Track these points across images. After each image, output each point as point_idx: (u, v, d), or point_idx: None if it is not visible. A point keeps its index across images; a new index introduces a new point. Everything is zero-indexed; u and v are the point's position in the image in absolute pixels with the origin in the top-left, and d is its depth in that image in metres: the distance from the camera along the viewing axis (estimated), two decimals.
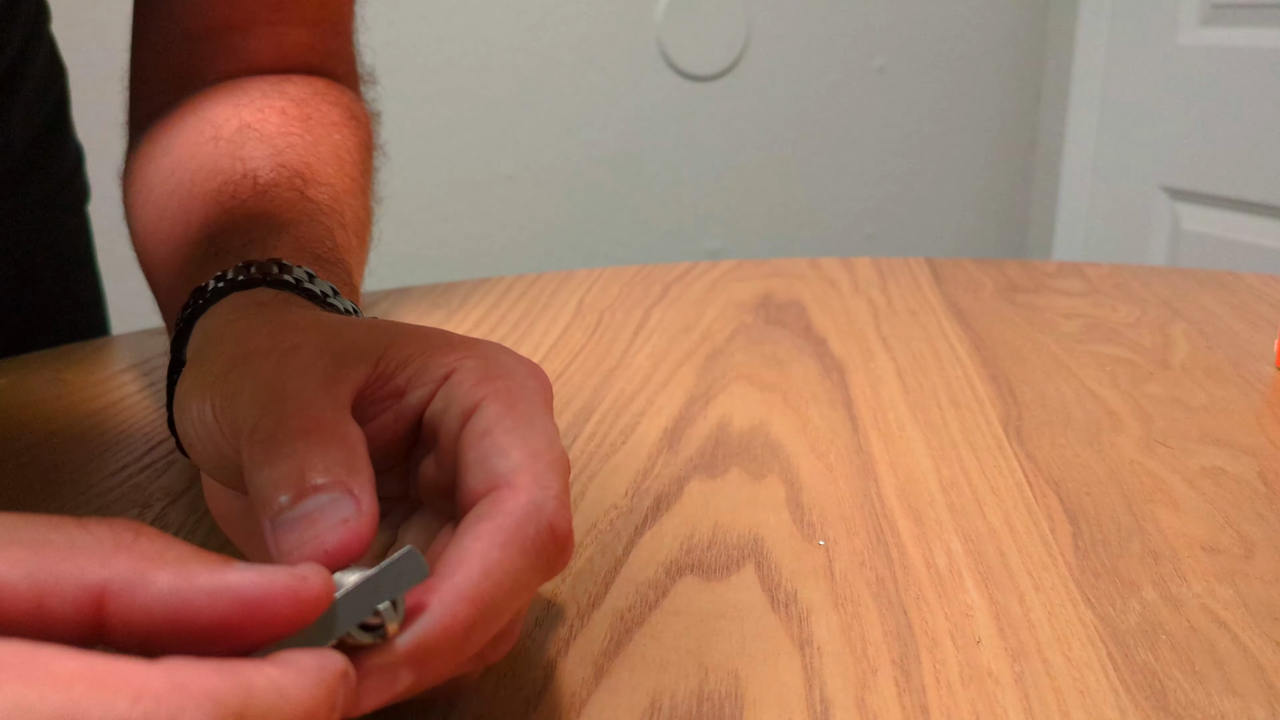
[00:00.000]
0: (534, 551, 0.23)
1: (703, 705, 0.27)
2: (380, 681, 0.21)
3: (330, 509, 0.22)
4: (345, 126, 0.47)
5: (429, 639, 0.22)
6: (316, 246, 0.37)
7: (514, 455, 0.25)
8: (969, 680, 0.28)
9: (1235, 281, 0.67)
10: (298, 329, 0.28)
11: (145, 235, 0.44)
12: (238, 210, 0.39)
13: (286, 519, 0.22)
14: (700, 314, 0.61)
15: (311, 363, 0.26)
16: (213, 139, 0.43)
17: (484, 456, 0.25)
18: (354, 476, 0.23)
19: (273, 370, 0.26)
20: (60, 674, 0.17)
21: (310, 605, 0.20)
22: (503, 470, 0.24)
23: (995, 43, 1.80)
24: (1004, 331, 0.58)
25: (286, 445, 0.23)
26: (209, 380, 0.27)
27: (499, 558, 0.23)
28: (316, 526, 0.22)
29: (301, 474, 0.23)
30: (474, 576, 0.22)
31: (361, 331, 0.28)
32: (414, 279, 1.62)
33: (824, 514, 0.38)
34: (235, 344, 0.28)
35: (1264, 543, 0.35)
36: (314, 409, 0.25)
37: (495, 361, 0.27)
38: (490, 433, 0.25)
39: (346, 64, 0.53)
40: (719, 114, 1.71)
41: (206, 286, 0.34)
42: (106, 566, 0.19)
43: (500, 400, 0.26)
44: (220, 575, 0.19)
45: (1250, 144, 1.51)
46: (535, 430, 0.26)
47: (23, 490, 0.41)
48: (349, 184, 0.44)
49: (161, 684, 0.17)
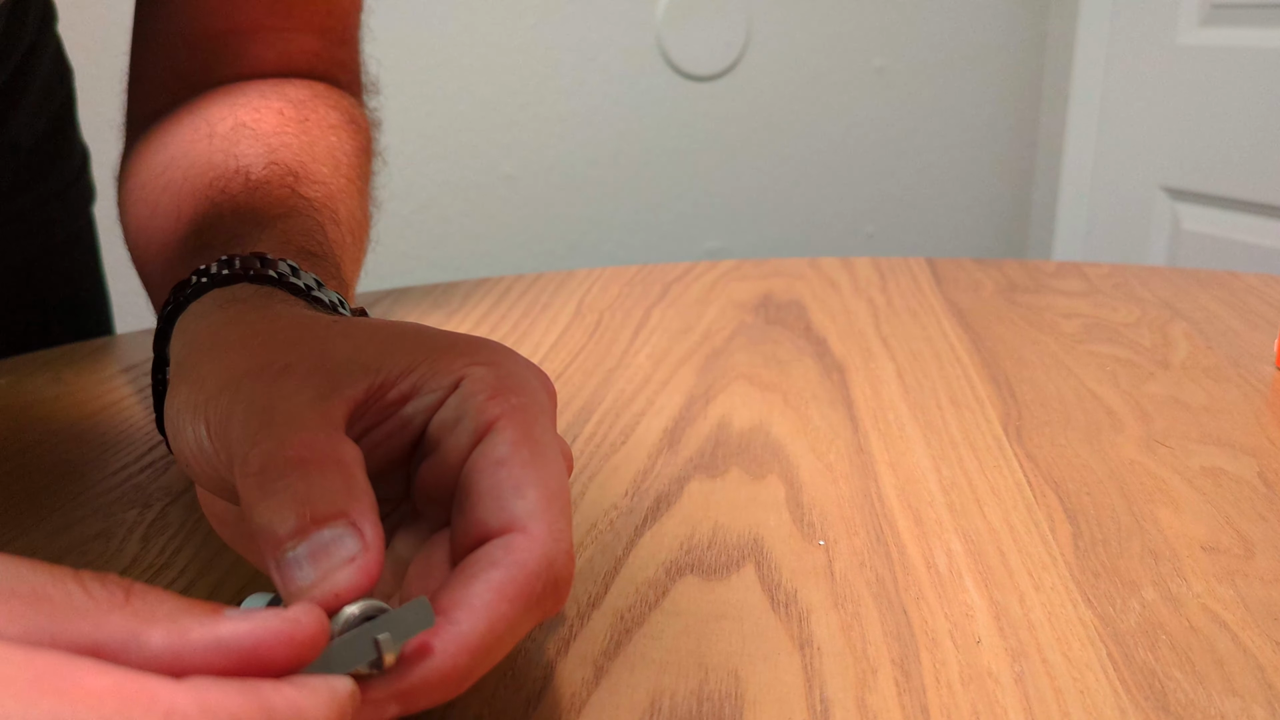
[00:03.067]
0: (538, 602, 0.23)
1: (703, 705, 0.27)
2: (370, 711, 0.21)
3: (334, 547, 0.22)
4: (343, 129, 0.47)
5: (427, 678, 0.22)
6: (304, 240, 0.37)
7: (530, 496, 0.24)
8: (969, 680, 0.28)
9: (1235, 281, 0.67)
10: (289, 345, 0.27)
11: (137, 231, 0.44)
12: (226, 206, 0.38)
13: (290, 558, 0.22)
14: (700, 314, 0.61)
15: (304, 383, 0.25)
16: (207, 136, 0.43)
17: (498, 491, 0.24)
18: (354, 505, 0.23)
19: (263, 394, 0.25)
20: (93, 689, 0.17)
21: (306, 649, 0.20)
22: (519, 513, 0.24)
23: (995, 43, 1.80)
24: (1004, 331, 0.58)
25: (281, 478, 0.23)
26: (201, 401, 0.26)
27: (506, 611, 0.23)
28: (323, 565, 0.22)
29: (300, 508, 0.22)
30: (480, 629, 0.22)
31: (357, 342, 0.27)
32: (414, 279, 1.62)
33: (824, 514, 0.38)
34: (223, 358, 0.27)
35: (1264, 543, 0.35)
36: (305, 434, 0.24)
37: (506, 371, 0.27)
38: (506, 463, 0.25)
39: (351, 73, 0.52)
40: (719, 114, 1.71)
41: (189, 282, 0.33)
42: (101, 628, 0.19)
43: (516, 424, 0.25)
44: (213, 629, 0.19)
45: (1250, 144, 1.51)
46: (550, 466, 0.25)
47: (23, 490, 0.41)
48: (344, 184, 0.43)
49: (189, 704, 0.17)
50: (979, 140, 1.85)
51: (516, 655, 0.30)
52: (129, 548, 0.36)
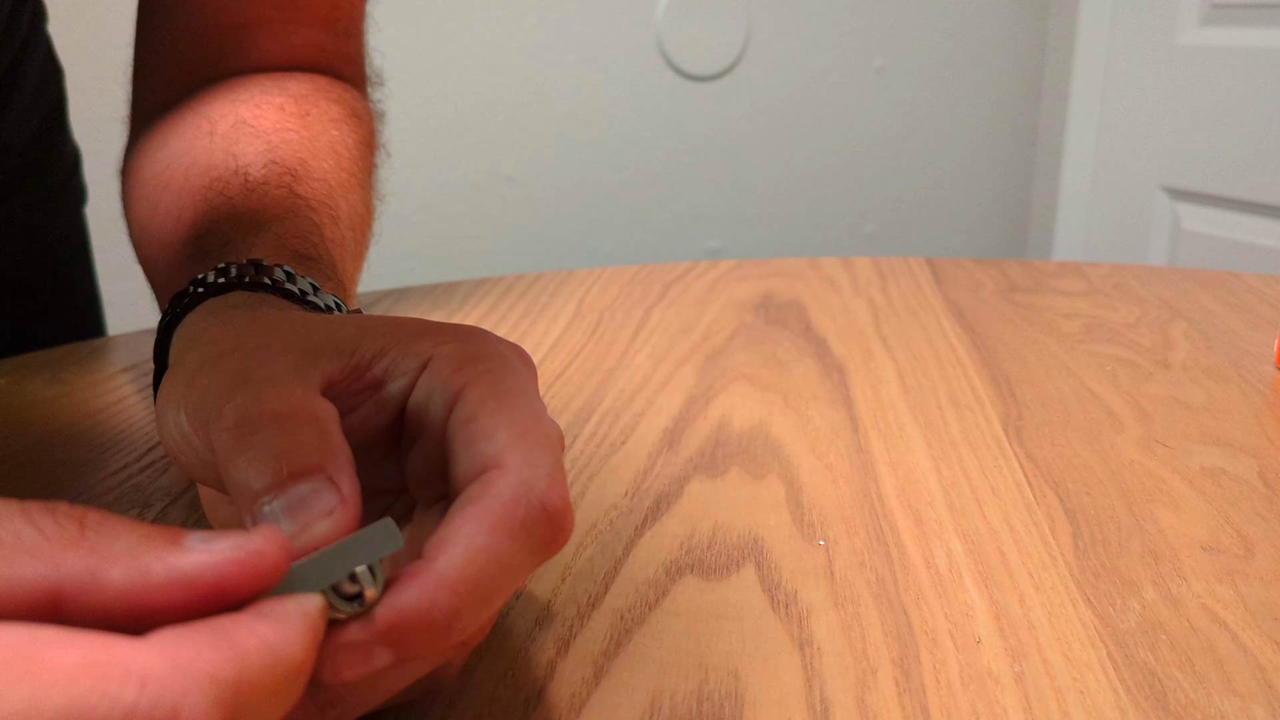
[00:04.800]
0: (525, 533, 0.23)
1: (703, 705, 0.27)
2: (357, 654, 0.21)
3: (312, 500, 0.22)
4: (345, 122, 0.47)
5: (406, 616, 0.21)
6: (299, 243, 0.37)
7: (499, 435, 0.24)
8: (969, 680, 0.28)
9: (1235, 281, 0.67)
10: (266, 328, 0.27)
11: (140, 231, 0.44)
12: (224, 208, 0.38)
13: (266, 512, 0.22)
14: (700, 314, 0.61)
15: (280, 355, 0.26)
16: (208, 134, 0.43)
17: (470, 441, 0.24)
18: (330, 459, 0.23)
19: (238, 365, 0.25)
20: (64, 667, 0.16)
21: (267, 576, 0.19)
22: (489, 452, 0.24)
23: (995, 43, 1.80)
24: (1004, 331, 0.58)
25: (257, 432, 0.23)
26: (181, 388, 0.26)
27: (485, 542, 0.22)
28: (299, 519, 0.22)
29: (276, 462, 0.22)
30: (458, 562, 0.22)
31: (334, 327, 0.27)
32: (414, 279, 1.62)
33: (824, 514, 0.38)
34: (202, 349, 0.28)
35: (1264, 543, 0.35)
36: (281, 390, 0.24)
37: (473, 344, 0.27)
38: (475, 417, 0.24)
39: (355, 66, 0.52)
40: (719, 114, 1.71)
41: (186, 292, 0.34)
42: (59, 568, 0.18)
43: (483, 383, 0.25)
44: (173, 562, 0.19)
45: (1250, 144, 1.51)
46: (520, 409, 0.25)
47: (23, 490, 0.41)
48: (345, 179, 0.43)
49: (161, 667, 0.17)
50: (979, 140, 1.85)
51: (516, 655, 0.30)
52: None
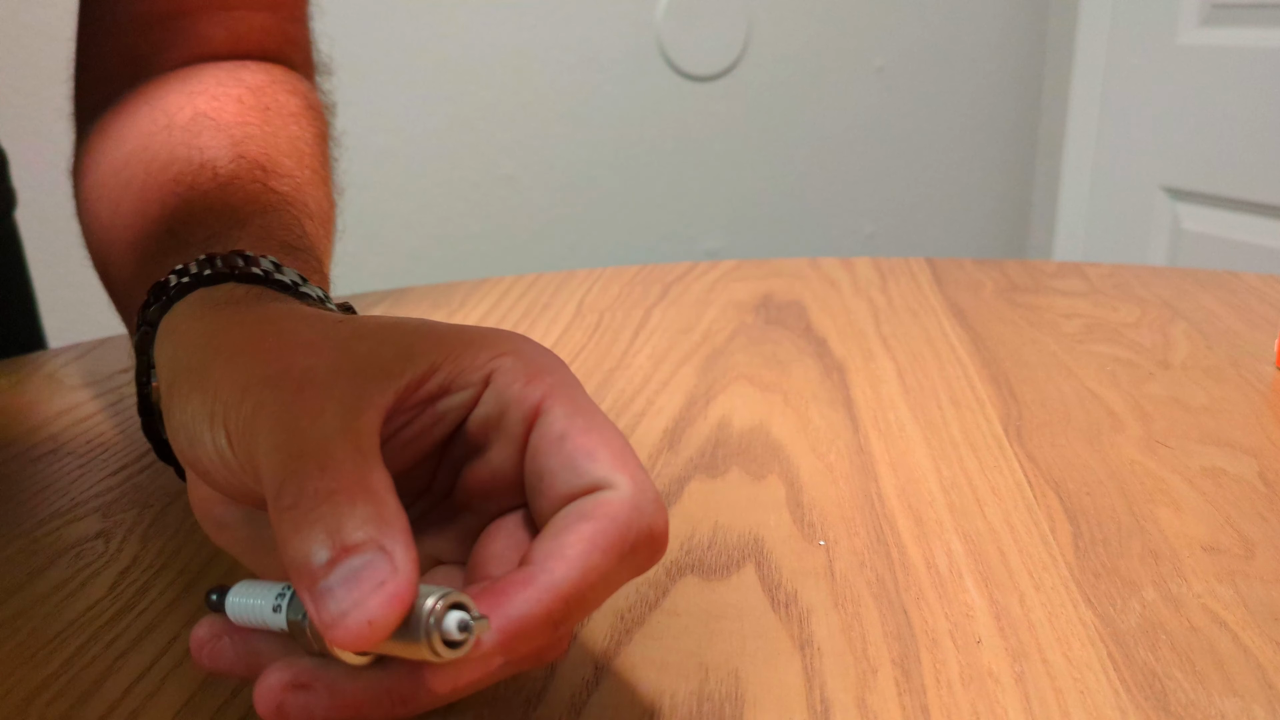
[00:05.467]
0: (633, 554, 0.24)
1: (703, 705, 0.27)
2: (475, 663, 0.23)
3: (366, 572, 0.22)
4: (303, 117, 0.45)
5: (524, 624, 0.22)
6: (284, 234, 0.36)
7: (602, 457, 0.25)
8: (969, 680, 0.28)
9: (1235, 281, 0.67)
10: (303, 348, 0.27)
11: (100, 230, 0.42)
12: (198, 201, 0.37)
13: (323, 588, 0.22)
14: (700, 314, 0.61)
15: (328, 395, 0.25)
16: (166, 128, 0.42)
17: (571, 462, 0.25)
18: (385, 531, 0.23)
19: (288, 410, 0.25)
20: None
21: None
22: (598, 475, 0.25)
23: (995, 43, 1.80)
24: (1004, 331, 0.58)
25: (314, 509, 0.23)
26: (219, 410, 0.26)
27: (599, 561, 0.23)
28: (355, 593, 0.22)
29: (330, 539, 0.22)
30: (573, 576, 0.23)
31: (373, 344, 0.27)
32: (414, 279, 1.62)
33: (824, 514, 0.38)
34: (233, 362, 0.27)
35: (1264, 543, 0.35)
36: (335, 462, 0.24)
37: (532, 356, 0.27)
38: (568, 435, 0.25)
39: (303, 51, 0.51)
40: (719, 114, 1.71)
41: (168, 282, 0.32)
42: None
43: (561, 400, 0.26)
44: None
45: (1250, 144, 1.51)
46: (606, 426, 0.26)
47: (23, 490, 0.41)
48: (310, 175, 0.42)
49: None
50: (979, 140, 1.85)
51: None
52: (129, 548, 0.36)
